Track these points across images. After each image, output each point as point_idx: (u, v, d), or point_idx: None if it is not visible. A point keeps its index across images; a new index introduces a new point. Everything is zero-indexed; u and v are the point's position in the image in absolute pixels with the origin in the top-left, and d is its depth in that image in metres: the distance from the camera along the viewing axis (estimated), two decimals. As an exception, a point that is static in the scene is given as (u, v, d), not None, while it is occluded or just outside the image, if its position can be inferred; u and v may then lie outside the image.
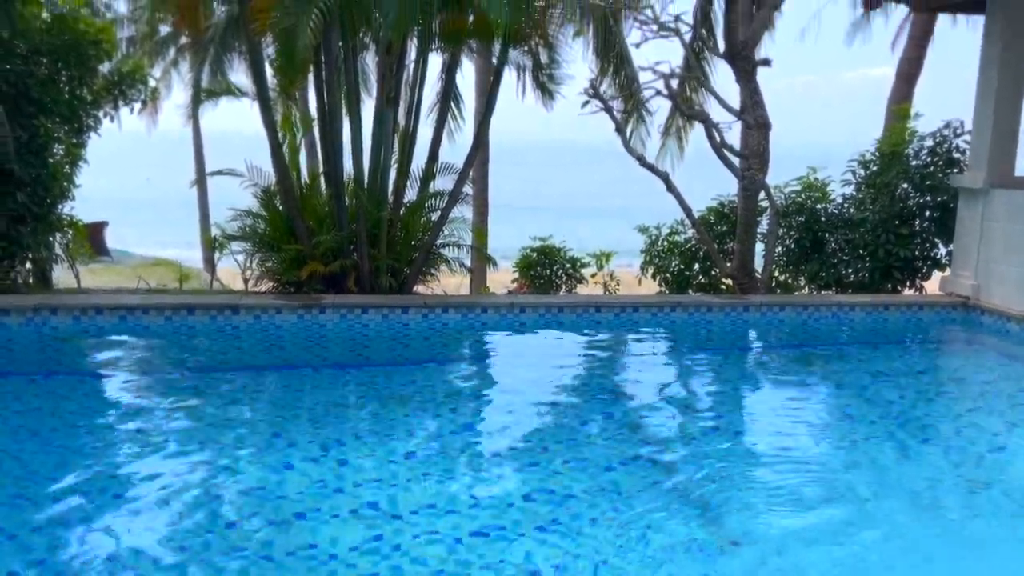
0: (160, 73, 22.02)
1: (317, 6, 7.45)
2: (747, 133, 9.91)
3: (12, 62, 8.55)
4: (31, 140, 8.52)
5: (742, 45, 9.29)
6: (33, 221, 8.66)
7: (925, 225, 9.76)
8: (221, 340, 7.59)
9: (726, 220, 10.54)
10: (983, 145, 8.70)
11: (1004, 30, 8.36)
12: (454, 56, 9.79)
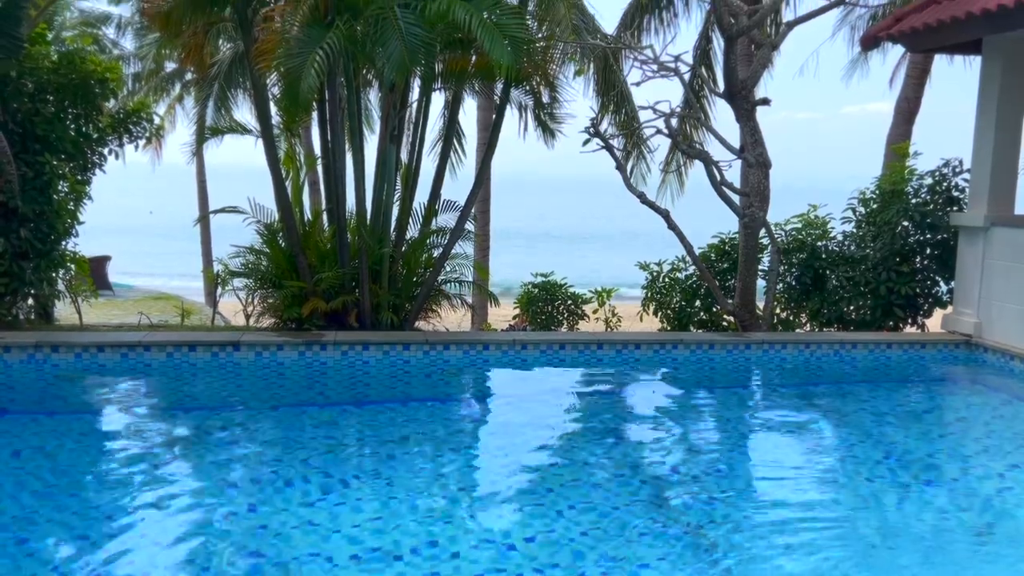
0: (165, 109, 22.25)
1: (322, 47, 7.54)
2: (747, 171, 9.97)
3: (20, 101, 8.64)
4: (36, 177, 8.57)
5: (741, 85, 9.38)
6: (36, 257, 8.68)
7: (926, 263, 9.78)
8: (222, 378, 7.57)
9: (727, 257, 10.57)
10: (982, 183, 8.74)
11: (1001, 71, 8.45)
12: (457, 94, 9.89)
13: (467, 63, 9.33)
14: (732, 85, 9.31)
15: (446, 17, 7.81)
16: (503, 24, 7.86)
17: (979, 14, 7.70)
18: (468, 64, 9.33)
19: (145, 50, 20.98)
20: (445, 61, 9.48)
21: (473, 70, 9.45)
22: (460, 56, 9.30)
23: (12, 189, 8.18)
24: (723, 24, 9.24)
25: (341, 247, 9.06)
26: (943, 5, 8.47)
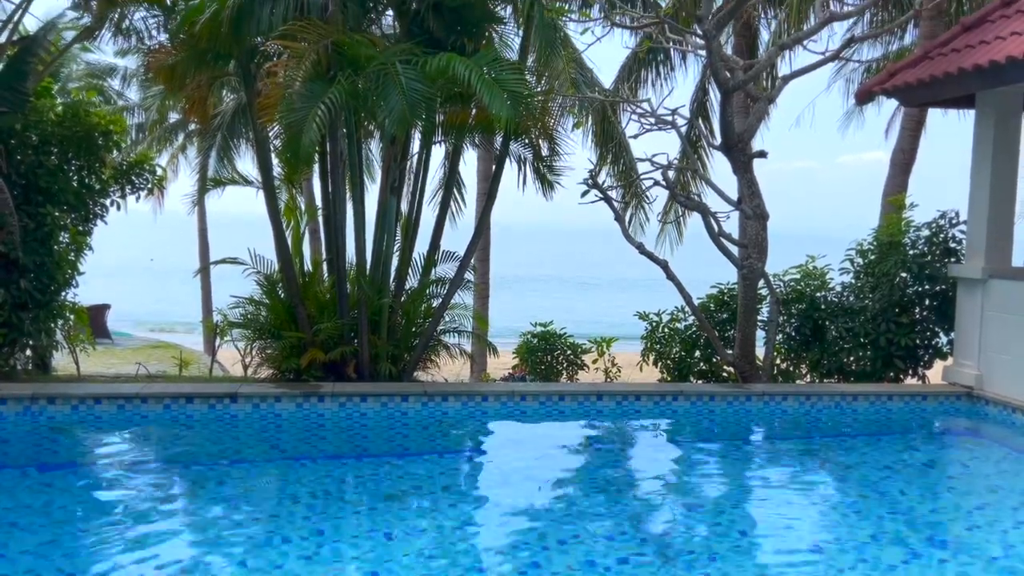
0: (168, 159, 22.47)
1: (324, 102, 7.64)
2: (745, 222, 10.03)
3: (24, 153, 8.73)
4: (37, 228, 8.62)
5: (738, 137, 9.48)
6: (35, 308, 8.68)
7: (925, 314, 9.78)
8: (219, 430, 7.52)
9: (726, 307, 10.57)
10: (979, 236, 8.78)
11: (995, 125, 8.54)
12: (457, 146, 10.00)
13: (467, 116, 9.45)
14: (729, 138, 9.41)
15: (446, 72, 7.93)
16: (502, 79, 7.98)
17: (971, 70, 7.82)
18: (468, 117, 9.45)
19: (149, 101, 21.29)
20: (445, 114, 9.61)
21: (473, 123, 9.57)
22: (460, 109, 9.42)
23: (13, 240, 8.21)
24: (719, 78, 9.38)
25: (340, 297, 9.07)
26: (935, 60, 8.61)
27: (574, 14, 12.10)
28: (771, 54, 10.54)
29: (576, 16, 12.09)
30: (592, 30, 11.16)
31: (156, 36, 9.93)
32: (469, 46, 8.98)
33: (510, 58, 9.46)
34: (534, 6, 8.92)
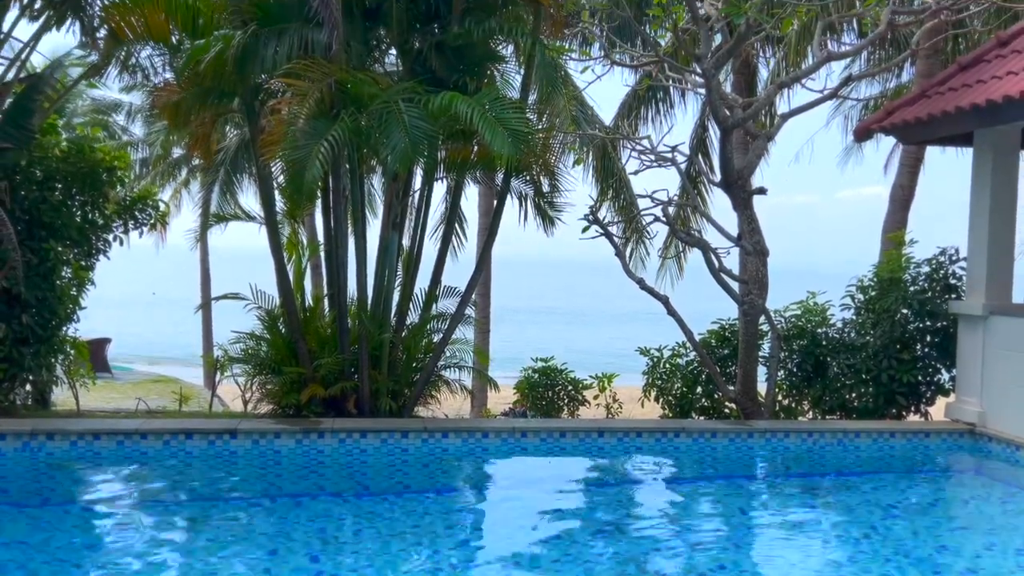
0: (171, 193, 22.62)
1: (327, 139, 7.71)
2: (746, 258, 10.06)
3: (28, 188, 8.79)
4: (40, 263, 8.65)
5: (738, 174, 9.54)
6: (36, 343, 8.68)
7: (927, 350, 9.76)
8: (218, 467, 7.48)
9: (727, 343, 10.55)
10: (979, 272, 8.80)
11: (992, 163, 8.59)
12: (458, 183, 10.07)
13: (468, 153, 9.53)
14: (728, 175, 9.48)
15: (449, 110, 8.01)
16: (504, 117, 8.04)
17: (968, 109, 7.89)
18: (470, 154, 9.53)
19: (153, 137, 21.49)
20: (447, 151, 9.69)
21: (475, 160, 9.65)
22: (462, 146, 9.50)
23: (16, 275, 8.24)
24: (719, 116, 9.47)
25: (341, 333, 9.07)
26: (933, 99, 8.70)
27: (574, 53, 12.25)
28: (770, 92, 10.64)
29: (576, 54, 12.26)
30: (592, 68, 11.30)
31: (161, 73, 10.03)
32: (471, 84, 9.08)
33: (511, 96, 9.56)
34: (535, 46, 9.03)
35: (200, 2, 8.84)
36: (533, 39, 9.08)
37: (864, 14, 9.84)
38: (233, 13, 8.56)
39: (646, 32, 11.91)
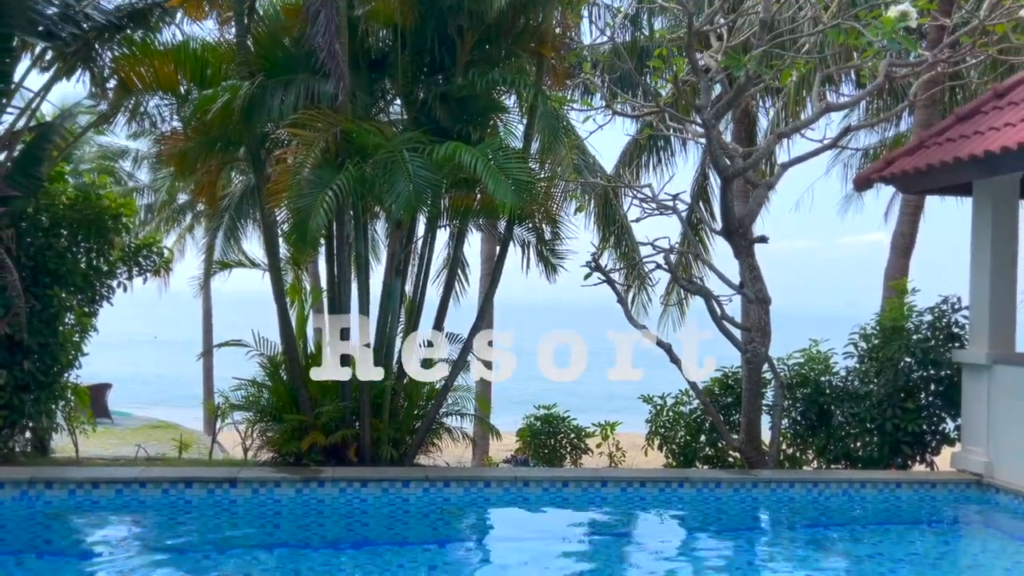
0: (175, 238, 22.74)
1: (331, 188, 7.78)
2: (748, 306, 10.07)
3: (34, 235, 8.86)
4: (43, 310, 8.68)
5: (739, 223, 9.60)
6: (37, 389, 8.67)
7: (931, 399, 9.71)
8: (218, 515, 7.41)
9: (731, 391, 10.51)
10: (982, 321, 8.79)
11: (992, 213, 8.63)
12: (461, 230, 10.14)
13: (471, 201, 9.61)
14: (730, 223, 9.53)
15: (452, 160, 8.10)
16: (506, 167, 8.13)
17: (967, 159, 7.96)
18: (472, 202, 9.61)
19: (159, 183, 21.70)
20: (451, 199, 9.77)
21: (478, 208, 9.72)
22: (465, 195, 9.58)
23: (19, 322, 8.26)
24: (719, 166, 9.56)
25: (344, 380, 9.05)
26: (931, 149, 8.78)
27: (576, 103, 12.41)
28: (770, 142, 10.76)
29: (578, 104, 12.41)
30: (594, 118, 11.42)
31: (169, 121, 10.18)
32: (475, 134, 9.19)
33: (514, 145, 9.68)
34: (538, 96, 9.17)
35: (209, 53, 9.02)
36: (536, 90, 9.22)
37: (862, 66, 9.98)
38: (241, 64, 8.72)
39: (647, 83, 12.08)
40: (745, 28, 11.18)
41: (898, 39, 7.49)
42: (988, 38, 8.94)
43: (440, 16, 8.84)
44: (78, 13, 8.82)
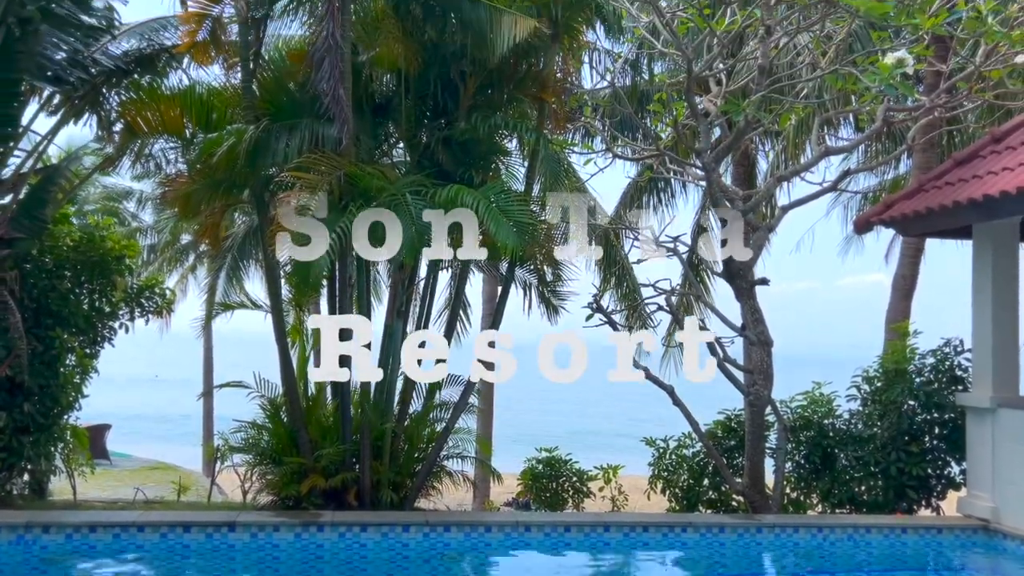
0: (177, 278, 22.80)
1: (334, 230, 7.83)
2: (750, 348, 10.05)
3: (38, 277, 8.89)
4: (45, 351, 8.68)
5: (739, 265, 9.62)
6: (36, 431, 8.64)
7: (935, 443, 9.65)
8: (216, 560, 7.33)
9: (734, 434, 10.44)
10: (985, 364, 8.76)
11: (993, 256, 8.65)
12: (463, 271, 10.17)
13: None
14: (731, 266, 9.55)
15: (455, 203, 8.16)
16: (508, 209, 8.19)
17: (966, 203, 8.01)
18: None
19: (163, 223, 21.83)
20: (453, 241, 9.81)
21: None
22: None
23: (20, 364, 8.26)
24: (719, 208, 9.61)
25: (344, 422, 9.02)
26: (931, 193, 8.83)
27: (577, 146, 12.53)
28: (769, 185, 10.83)
29: (579, 147, 12.54)
30: (595, 161, 11.52)
31: (174, 163, 10.28)
32: (477, 177, 9.28)
33: (516, 188, 9.76)
34: (539, 140, 9.26)
35: (215, 98, 9.14)
36: (537, 134, 9.32)
37: (860, 110, 10.09)
38: (246, 108, 8.82)
39: (647, 126, 12.20)
40: (744, 73, 11.33)
41: (895, 85, 7.59)
42: (984, 83, 9.04)
43: (443, 62, 8.98)
44: (87, 58, 8.96)
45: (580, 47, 10.77)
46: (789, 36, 9.84)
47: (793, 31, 9.58)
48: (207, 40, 8.89)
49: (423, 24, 9.06)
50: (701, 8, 9.37)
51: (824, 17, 9.05)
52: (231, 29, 9.14)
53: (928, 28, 7.78)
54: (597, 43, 13.50)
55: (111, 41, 9.32)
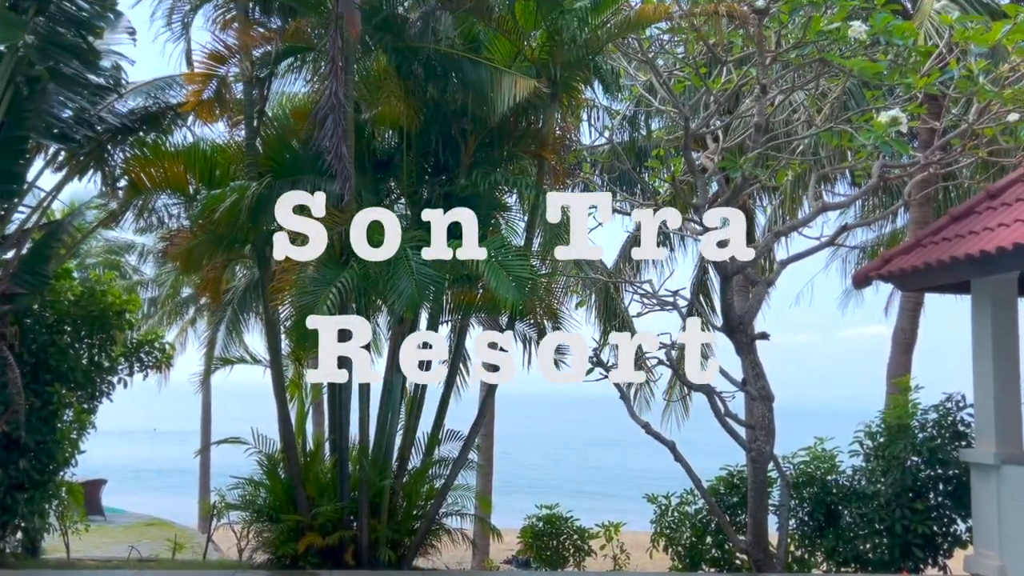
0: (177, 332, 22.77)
1: (335, 285, 7.86)
2: (751, 403, 10.01)
3: (38, 332, 8.89)
4: (43, 407, 8.64)
5: (739, 320, 9.63)
6: (32, 488, 8.55)
7: (940, 499, 9.53)
8: (209, 623, 7.17)
9: (736, 490, 10.32)
10: (987, 420, 8.69)
11: (991, 311, 8.63)
12: (463, 324, 10.18)
13: (473, 297, 9.69)
14: (731, 320, 9.57)
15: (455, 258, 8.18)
16: (508, 264, 8.24)
17: (963, 258, 8.03)
18: (474, 298, 9.69)
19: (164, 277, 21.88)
20: (452, 295, 9.86)
21: (479, 303, 9.79)
22: (467, 290, 9.67)
23: (18, 420, 8.21)
24: (718, 264, 9.65)
25: (342, 479, 8.94)
26: (928, 248, 8.88)
27: (576, 200, 12.60)
28: (768, 240, 10.91)
29: (579, 202, 12.60)
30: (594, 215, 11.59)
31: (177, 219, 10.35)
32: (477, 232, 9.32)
33: (516, 243, 9.82)
34: (539, 196, 9.35)
35: (218, 154, 9.27)
36: (537, 190, 9.41)
37: (856, 166, 10.21)
38: (249, 165, 8.94)
39: (645, 181, 12.33)
40: (740, 129, 11.49)
41: (890, 143, 7.70)
42: (978, 140, 9.17)
43: (444, 120, 9.12)
44: (93, 116, 9.10)
45: (579, 105, 10.93)
46: (784, 94, 10.01)
47: (788, 89, 9.76)
48: (212, 99, 9.04)
49: (425, 83, 9.23)
50: (697, 67, 9.56)
51: (819, 76, 9.22)
52: (236, 87, 9.31)
53: (921, 88, 7.93)
54: (595, 100, 13.71)
55: (118, 99, 9.47)
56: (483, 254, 8.01)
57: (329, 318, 8.48)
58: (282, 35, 9.34)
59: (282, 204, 6.89)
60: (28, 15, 8.13)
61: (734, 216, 7.48)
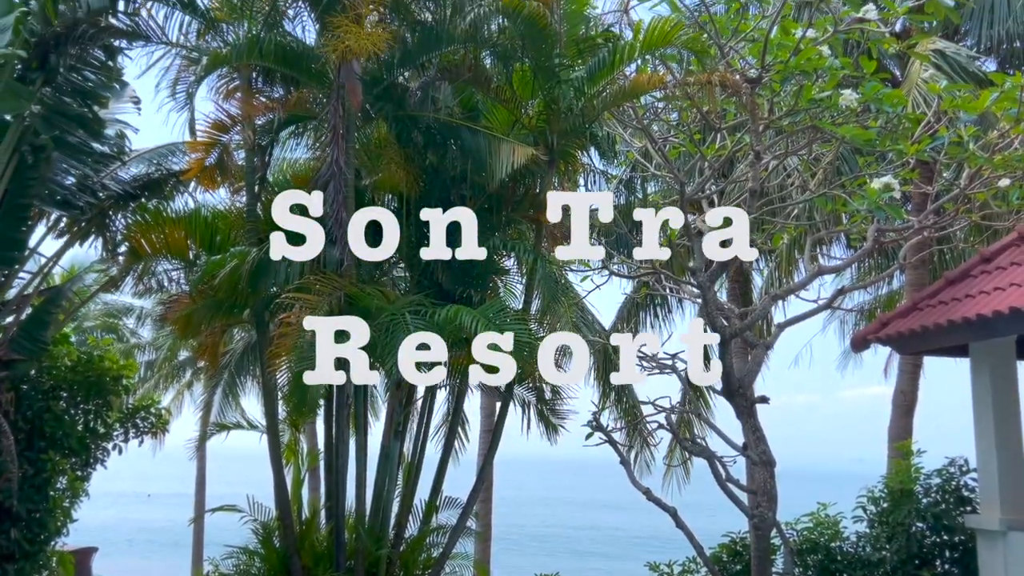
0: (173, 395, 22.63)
1: (333, 350, 7.82)
2: (753, 468, 9.90)
3: (33, 399, 8.84)
4: (36, 475, 8.55)
5: (738, 383, 9.59)
6: (22, 559, 8.39)
7: (947, 567, 9.36)
8: None
9: (739, 558, 10.15)
10: (992, 485, 8.59)
11: (991, 375, 8.62)
12: (461, 389, 10.14)
13: (471, 361, 9.63)
14: (730, 384, 9.52)
15: (454, 322, 8.22)
16: (506, 328, 8.22)
17: (960, 322, 8.05)
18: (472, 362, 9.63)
19: (161, 340, 21.85)
20: (451, 358, 9.82)
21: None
22: (466, 354, 9.62)
23: (11, 489, 8.10)
24: (716, 326, 9.66)
25: (338, 547, 8.79)
26: (925, 312, 8.90)
27: (574, 263, 12.70)
28: (765, 304, 10.93)
29: (576, 265, 12.70)
30: (592, 278, 11.66)
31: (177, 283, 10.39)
32: (476, 296, 9.40)
33: (514, 305, 9.84)
34: (537, 260, 9.42)
35: (219, 220, 9.36)
36: (535, 254, 9.49)
37: (851, 230, 10.31)
38: (250, 231, 9.01)
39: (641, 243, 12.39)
40: (735, 193, 11.63)
41: (883, 209, 7.79)
42: (971, 204, 9.28)
43: (444, 186, 9.24)
44: (96, 183, 9.21)
45: (576, 170, 11.09)
46: (778, 160, 10.17)
47: (782, 155, 9.91)
48: (214, 166, 9.16)
49: (424, 151, 9.38)
50: (691, 134, 9.73)
51: (811, 142, 9.38)
52: (237, 154, 9.45)
53: (912, 154, 8.06)
54: (592, 165, 13.91)
55: (121, 167, 9.60)
56: (483, 254, 7.83)
57: (327, 319, 8.39)
58: (284, 104, 9.52)
59: (279, 203, 6.70)
60: (36, 85, 8.30)
61: (737, 215, 7.36)
